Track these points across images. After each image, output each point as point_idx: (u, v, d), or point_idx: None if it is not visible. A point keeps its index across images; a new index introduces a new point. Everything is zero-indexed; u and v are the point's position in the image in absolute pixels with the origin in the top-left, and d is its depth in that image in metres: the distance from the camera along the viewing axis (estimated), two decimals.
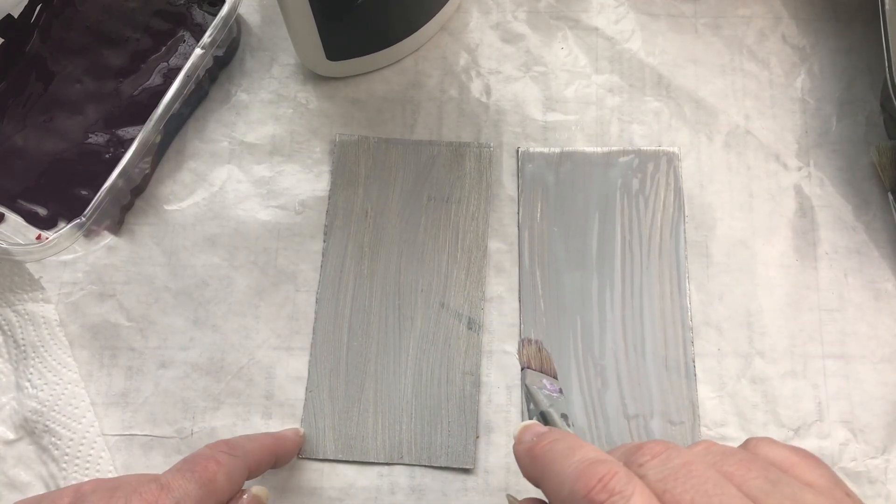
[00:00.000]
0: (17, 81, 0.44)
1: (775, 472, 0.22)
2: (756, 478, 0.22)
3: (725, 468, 0.22)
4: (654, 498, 0.21)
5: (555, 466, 0.24)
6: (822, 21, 0.46)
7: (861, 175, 0.43)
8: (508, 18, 0.46)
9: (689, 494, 0.21)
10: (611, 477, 0.21)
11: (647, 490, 0.21)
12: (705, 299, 0.41)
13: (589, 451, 0.23)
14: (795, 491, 0.21)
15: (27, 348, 0.40)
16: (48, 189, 0.42)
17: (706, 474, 0.21)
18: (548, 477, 0.24)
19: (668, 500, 0.21)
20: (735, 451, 0.23)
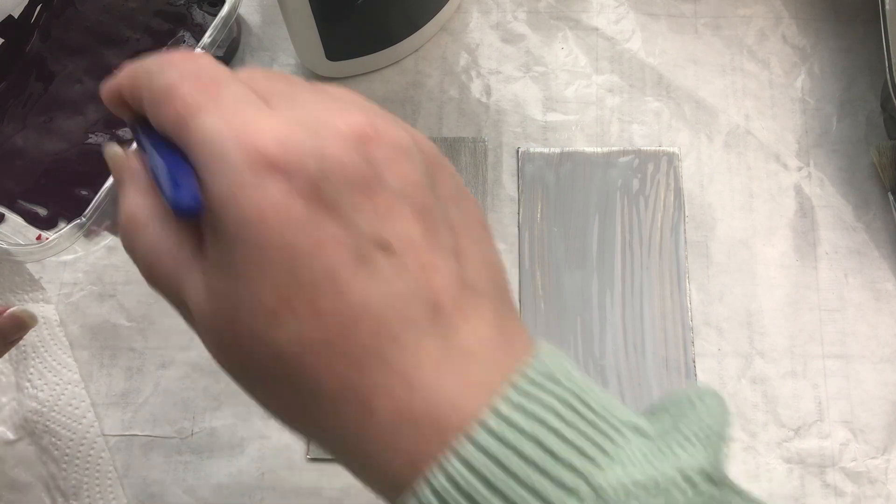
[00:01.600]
0: (18, 82, 0.44)
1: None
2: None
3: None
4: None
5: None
6: (822, 21, 0.46)
7: (861, 175, 0.43)
8: (508, 18, 0.46)
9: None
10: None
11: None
12: (705, 299, 0.41)
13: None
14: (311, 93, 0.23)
15: (27, 348, 0.40)
16: (48, 189, 0.42)
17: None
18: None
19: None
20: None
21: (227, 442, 0.39)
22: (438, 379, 0.21)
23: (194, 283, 0.22)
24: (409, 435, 0.20)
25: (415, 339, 0.21)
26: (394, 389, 0.21)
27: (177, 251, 0.23)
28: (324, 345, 0.21)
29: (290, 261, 0.20)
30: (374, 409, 0.20)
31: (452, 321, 0.21)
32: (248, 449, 0.39)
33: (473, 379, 0.21)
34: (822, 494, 0.38)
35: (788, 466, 0.39)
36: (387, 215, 0.22)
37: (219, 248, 0.21)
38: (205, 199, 0.21)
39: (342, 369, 0.21)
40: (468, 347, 0.21)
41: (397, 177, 0.22)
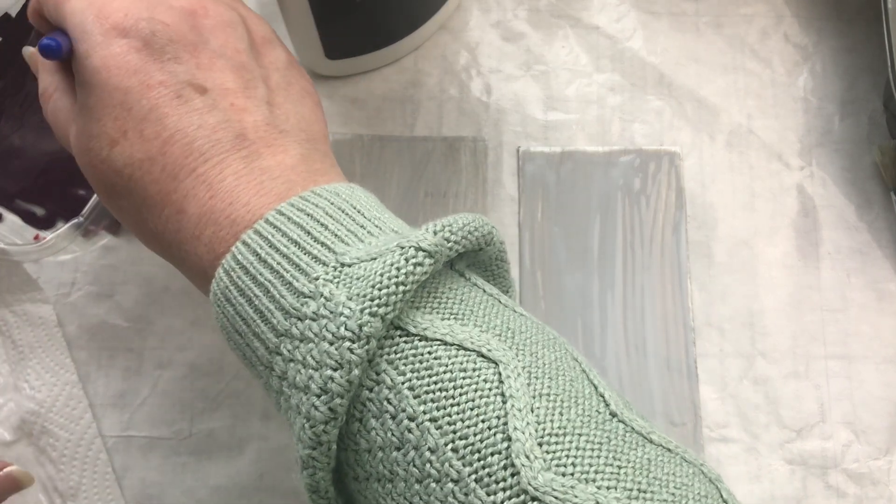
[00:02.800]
0: (15, 81, 0.44)
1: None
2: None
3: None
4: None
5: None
6: (824, 20, 0.46)
7: (864, 175, 0.43)
8: (509, 17, 0.46)
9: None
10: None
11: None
12: (707, 299, 0.41)
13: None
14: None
15: (25, 349, 0.40)
16: (46, 189, 0.42)
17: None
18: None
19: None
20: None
21: (225, 443, 0.39)
22: (237, 187, 0.26)
23: (72, 128, 0.29)
24: (211, 230, 0.26)
25: (220, 158, 0.26)
26: (199, 194, 0.26)
27: (68, 111, 0.30)
28: (148, 161, 0.27)
29: (125, 99, 0.27)
30: (184, 210, 0.26)
31: (256, 148, 0.27)
32: (247, 450, 0.39)
33: (267, 190, 0.26)
34: (825, 496, 0.38)
35: (790, 467, 0.39)
36: (206, 67, 0.28)
37: (81, 96, 0.28)
38: (74, 61, 0.28)
39: (162, 180, 0.27)
40: (267, 168, 0.27)
41: (218, 41, 0.29)
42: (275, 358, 0.24)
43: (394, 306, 0.23)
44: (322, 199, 0.26)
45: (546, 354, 0.24)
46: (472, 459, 0.21)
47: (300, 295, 0.24)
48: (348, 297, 0.23)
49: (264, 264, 0.25)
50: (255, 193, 0.26)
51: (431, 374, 0.23)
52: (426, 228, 0.25)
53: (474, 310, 0.25)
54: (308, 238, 0.25)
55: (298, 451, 0.23)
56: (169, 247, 0.28)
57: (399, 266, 0.23)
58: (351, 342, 0.22)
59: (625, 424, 0.23)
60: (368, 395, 0.23)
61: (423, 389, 0.22)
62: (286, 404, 0.24)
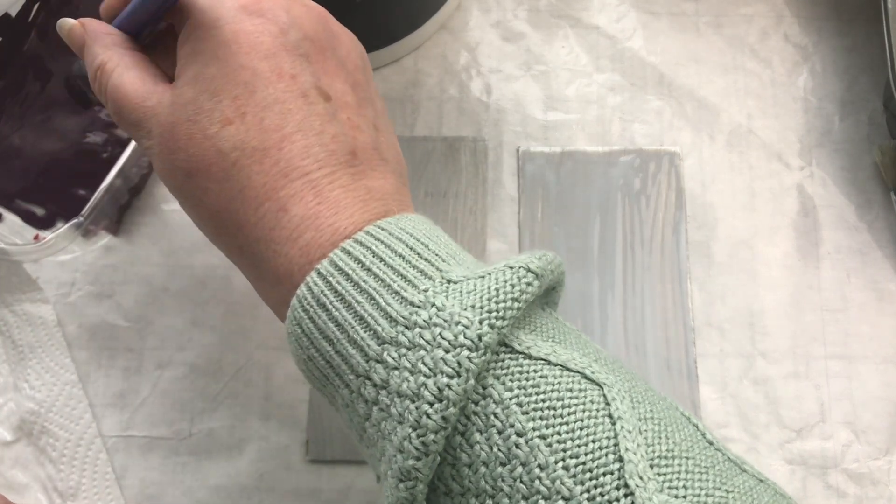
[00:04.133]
0: (15, 81, 0.44)
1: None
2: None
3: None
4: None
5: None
6: (824, 20, 0.46)
7: (864, 175, 0.43)
8: (509, 17, 0.46)
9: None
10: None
11: None
12: (707, 300, 0.41)
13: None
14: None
15: (25, 349, 0.40)
16: (46, 189, 0.42)
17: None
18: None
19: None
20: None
21: (225, 443, 0.39)
22: (343, 199, 0.26)
23: (158, 101, 0.28)
24: (310, 234, 0.26)
25: (332, 168, 0.26)
26: (307, 198, 0.26)
27: (140, 84, 0.28)
28: (261, 151, 0.26)
29: (251, 80, 0.26)
30: (288, 210, 0.26)
31: (363, 169, 0.27)
32: (247, 450, 0.39)
33: (370, 208, 0.26)
34: (825, 496, 0.38)
35: (790, 468, 0.39)
36: (332, 74, 0.28)
37: (194, 67, 0.27)
38: (193, 26, 0.27)
39: (271, 173, 0.26)
40: (371, 188, 0.27)
41: (343, 52, 0.28)
42: (374, 366, 0.24)
43: (509, 321, 0.23)
44: (418, 223, 0.26)
45: (638, 384, 0.25)
46: (583, 478, 0.21)
47: (409, 304, 0.24)
48: (462, 307, 0.23)
49: (368, 272, 0.24)
50: (359, 209, 0.26)
51: (539, 391, 0.23)
52: (527, 255, 0.25)
53: (567, 337, 0.25)
54: (412, 253, 0.25)
55: (398, 462, 0.23)
56: (255, 243, 0.26)
57: (513, 283, 0.23)
58: (470, 350, 0.22)
59: (721, 453, 0.24)
60: (474, 409, 0.23)
61: (532, 406, 0.22)
62: (381, 415, 0.24)
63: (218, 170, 0.26)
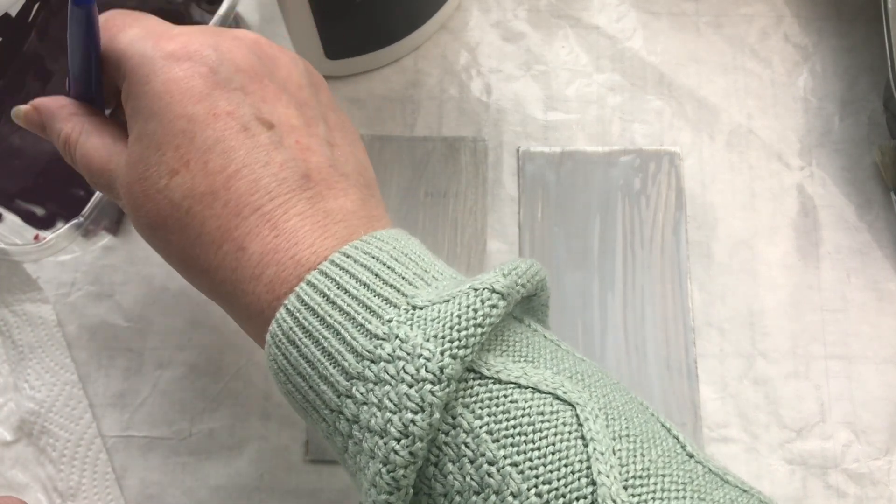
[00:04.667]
0: (15, 80, 0.44)
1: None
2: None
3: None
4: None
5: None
6: (824, 20, 0.46)
7: (864, 175, 0.43)
8: (509, 17, 0.46)
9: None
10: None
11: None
12: (707, 300, 0.41)
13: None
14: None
15: (25, 349, 0.40)
16: (46, 189, 0.42)
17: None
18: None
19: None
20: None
21: (225, 443, 0.39)
22: (301, 228, 0.25)
23: (119, 161, 0.28)
24: (273, 270, 0.25)
25: (285, 198, 0.26)
26: (263, 233, 0.25)
27: (102, 147, 0.29)
28: (210, 195, 0.26)
29: (189, 127, 0.26)
30: (246, 248, 0.25)
31: (319, 190, 0.26)
32: (247, 450, 0.39)
33: (331, 233, 0.26)
34: (825, 496, 0.38)
35: (790, 468, 0.39)
36: (272, 100, 0.27)
37: (137, 125, 0.27)
38: (127, 86, 0.27)
39: (223, 215, 0.26)
40: (330, 210, 0.26)
41: (282, 75, 0.28)
42: (345, 401, 0.24)
43: (472, 348, 0.23)
44: (384, 244, 0.26)
45: (616, 397, 0.24)
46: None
47: (373, 337, 0.23)
48: (425, 338, 0.23)
49: (333, 305, 0.24)
50: (319, 235, 0.26)
51: (509, 417, 0.22)
52: (494, 272, 0.24)
53: (541, 353, 0.25)
54: (377, 280, 0.24)
55: (371, 496, 0.23)
56: (221, 284, 0.27)
57: (476, 307, 0.23)
58: (432, 384, 0.22)
59: (702, 465, 0.23)
60: (444, 439, 0.23)
61: (502, 433, 0.22)
62: (356, 448, 0.24)
63: (174, 220, 0.26)
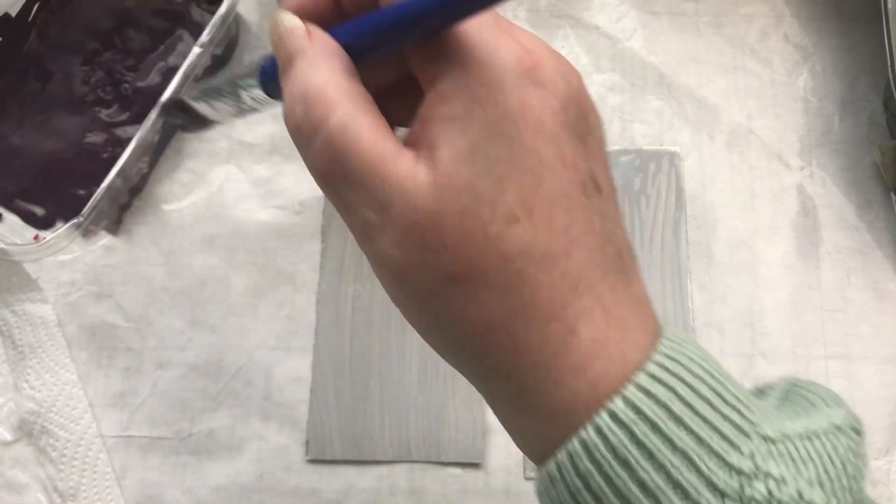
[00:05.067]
0: (15, 80, 0.44)
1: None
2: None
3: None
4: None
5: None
6: (824, 20, 0.46)
7: (864, 175, 0.43)
8: (509, 17, 0.46)
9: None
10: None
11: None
12: (707, 300, 0.41)
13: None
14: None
15: (25, 349, 0.40)
16: (46, 189, 0.42)
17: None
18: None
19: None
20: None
21: (225, 443, 0.39)
22: (627, 317, 0.22)
23: (408, 172, 0.21)
24: (601, 364, 0.21)
25: (613, 276, 0.22)
26: (597, 318, 0.21)
27: (379, 137, 0.21)
28: (550, 259, 0.21)
29: (537, 168, 0.21)
30: (577, 332, 0.21)
31: (630, 273, 0.23)
32: (247, 450, 0.39)
33: (648, 325, 0.22)
34: None
35: None
36: (599, 157, 0.23)
37: (470, 138, 0.21)
38: (461, 88, 0.21)
39: (559, 287, 0.21)
40: (639, 297, 0.23)
41: (600, 130, 0.23)
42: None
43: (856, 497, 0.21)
44: (695, 344, 0.22)
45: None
46: None
47: (736, 472, 0.20)
48: (808, 482, 0.20)
49: (679, 424, 0.20)
50: (640, 329, 0.22)
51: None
52: (839, 402, 0.22)
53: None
54: (717, 398, 0.21)
55: None
56: (530, 369, 0.21)
57: (854, 451, 0.21)
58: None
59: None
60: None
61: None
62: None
63: (499, 278, 0.21)
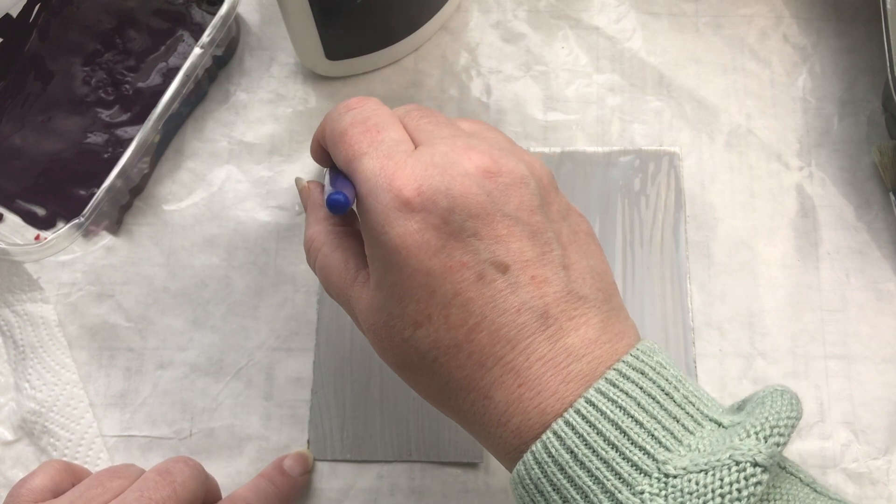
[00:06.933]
0: (16, 81, 0.44)
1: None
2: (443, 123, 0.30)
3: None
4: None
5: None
6: (823, 20, 0.46)
7: (863, 175, 0.43)
8: (509, 17, 0.46)
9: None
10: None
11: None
12: (707, 300, 0.41)
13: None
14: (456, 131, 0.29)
15: (26, 349, 0.40)
16: (47, 189, 0.42)
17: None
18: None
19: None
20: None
21: (225, 443, 0.39)
22: (544, 374, 0.25)
23: (357, 295, 0.29)
24: (518, 419, 0.25)
25: (526, 343, 0.26)
26: (508, 383, 0.26)
27: (343, 269, 0.29)
28: (454, 348, 0.26)
29: (427, 281, 0.26)
30: (491, 398, 0.26)
31: (560, 325, 0.26)
32: (247, 450, 0.39)
33: (574, 374, 0.25)
34: None
35: None
36: (504, 239, 0.26)
37: (376, 272, 0.27)
38: (363, 226, 0.27)
39: (468, 366, 0.26)
40: (572, 348, 0.26)
41: (513, 204, 0.27)
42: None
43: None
44: (630, 384, 0.25)
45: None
46: None
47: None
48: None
49: (581, 466, 0.24)
50: (562, 380, 0.25)
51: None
52: (751, 432, 0.23)
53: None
54: (625, 440, 0.24)
55: None
56: (469, 424, 0.27)
57: (739, 486, 0.22)
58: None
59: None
60: None
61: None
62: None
63: (422, 367, 0.27)
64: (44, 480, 0.33)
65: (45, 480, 0.33)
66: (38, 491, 0.32)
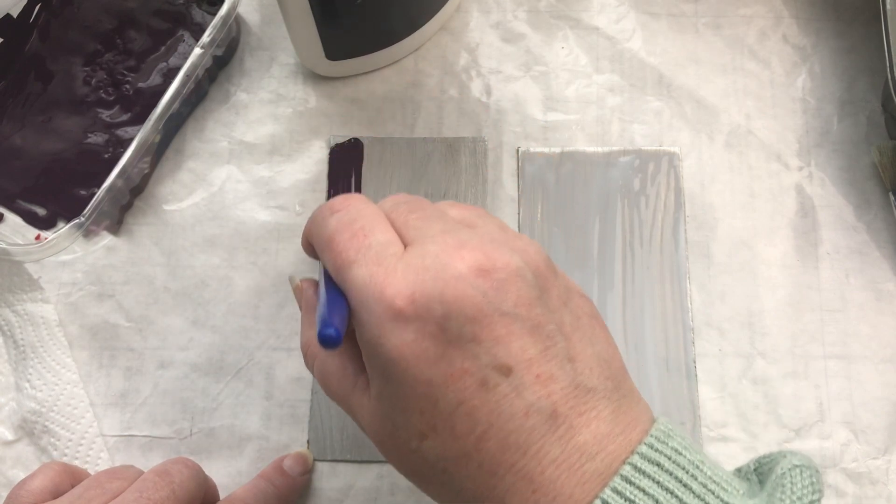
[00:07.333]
0: (16, 81, 0.44)
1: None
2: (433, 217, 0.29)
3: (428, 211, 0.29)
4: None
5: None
6: (823, 21, 0.46)
7: (862, 175, 0.43)
8: (509, 18, 0.46)
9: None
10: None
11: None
12: (706, 300, 0.41)
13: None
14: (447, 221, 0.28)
15: (26, 349, 0.40)
16: (47, 189, 0.42)
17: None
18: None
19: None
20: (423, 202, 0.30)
21: (225, 442, 0.39)
22: (558, 478, 0.25)
23: (359, 402, 0.28)
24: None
25: (537, 447, 0.25)
26: (521, 490, 0.25)
27: (342, 375, 0.29)
28: (463, 458, 0.25)
29: (429, 392, 0.25)
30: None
31: (570, 424, 0.25)
32: (247, 450, 0.39)
33: (589, 474, 0.25)
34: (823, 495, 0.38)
35: None
36: (504, 339, 0.25)
37: (376, 383, 0.26)
38: (359, 337, 0.27)
39: (478, 476, 0.25)
40: (585, 446, 0.25)
41: (510, 300, 0.25)
42: None
43: None
44: (646, 480, 0.24)
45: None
46: None
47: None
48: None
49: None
50: (577, 482, 0.25)
51: None
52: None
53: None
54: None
55: None
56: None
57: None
58: None
59: None
60: None
61: None
62: None
63: (432, 476, 0.26)
64: (43, 482, 0.33)
65: (45, 482, 0.33)
66: (38, 492, 0.32)
